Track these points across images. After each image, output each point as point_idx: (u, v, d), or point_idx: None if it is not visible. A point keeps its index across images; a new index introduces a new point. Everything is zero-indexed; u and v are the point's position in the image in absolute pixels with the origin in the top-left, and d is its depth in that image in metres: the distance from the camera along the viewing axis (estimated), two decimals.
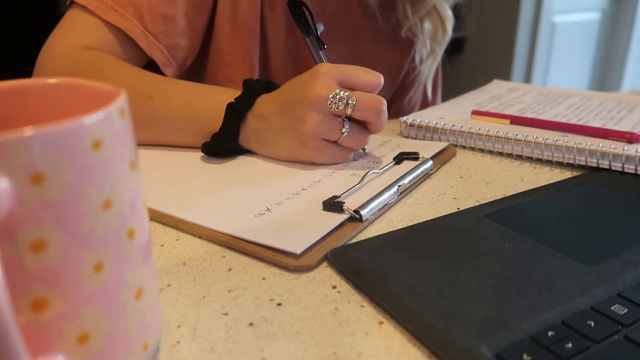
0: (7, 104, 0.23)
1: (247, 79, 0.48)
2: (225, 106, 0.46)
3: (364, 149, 0.49)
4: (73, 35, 0.54)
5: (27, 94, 0.23)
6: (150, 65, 0.56)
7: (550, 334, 0.24)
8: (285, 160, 0.47)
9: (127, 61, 0.54)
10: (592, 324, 0.25)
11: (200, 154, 0.48)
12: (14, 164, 0.16)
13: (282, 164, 0.47)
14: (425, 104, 0.82)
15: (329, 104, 0.42)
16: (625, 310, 0.26)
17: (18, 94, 0.23)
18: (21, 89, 0.23)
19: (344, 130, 0.44)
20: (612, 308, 0.26)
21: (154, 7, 0.54)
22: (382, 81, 0.44)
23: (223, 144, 0.47)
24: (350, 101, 0.42)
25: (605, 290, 0.28)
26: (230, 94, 0.47)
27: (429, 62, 0.74)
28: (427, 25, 0.70)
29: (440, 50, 0.73)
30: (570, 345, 0.24)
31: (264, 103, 0.46)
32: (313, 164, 0.46)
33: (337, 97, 0.42)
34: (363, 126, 0.46)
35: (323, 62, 0.48)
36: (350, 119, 0.44)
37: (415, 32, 0.70)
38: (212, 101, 0.47)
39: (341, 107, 0.42)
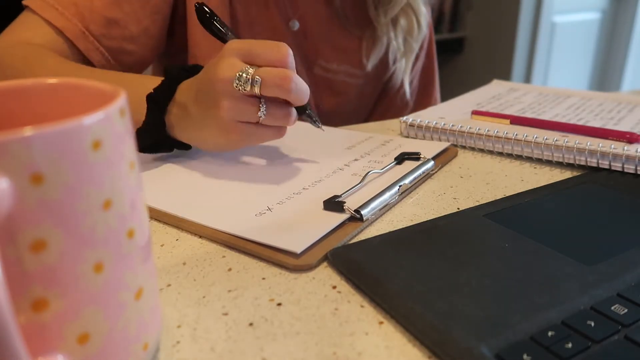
0: (7, 104, 0.23)
1: (170, 65, 0.45)
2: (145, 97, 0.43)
3: (317, 124, 0.46)
4: (16, 33, 0.54)
5: (27, 94, 0.23)
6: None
7: (550, 334, 0.24)
8: (215, 150, 0.45)
9: (75, 61, 0.54)
10: (592, 324, 0.25)
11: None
12: (14, 164, 0.16)
13: (283, 164, 0.47)
14: (404, 105, 0.81)
15: (235, 86, 0.39)
16: (625, 310, 0.26)
17: (18, 94, 0.23)
18: (21, 89, 0.23)
19: (260, 112, 0.40)
20: (612, 308, 0.26)
21: (97, 9, 0.54)
22: (289, 53, 0.40)
23: (148, 138, 0.44)
24: (255, 79, 0.39)
25: (605, 290, 0.28)
26: (154, 83, 0.44)
27: (403, 60, 0.74)
28: (403, 22, 0.70)
29: (416, 46, 0.73)
30: (570, 345, 0.24)
31: (183, 91, 0.44)
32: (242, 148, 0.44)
33: (242, 77, 0.39)
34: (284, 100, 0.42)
35: None
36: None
37: (384, 33, 0.70)
38: (137, 93, 0.44)
39: (248, 88, 0.39)
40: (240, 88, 0.39)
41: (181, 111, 0.43)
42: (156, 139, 0.45)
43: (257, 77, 0.39)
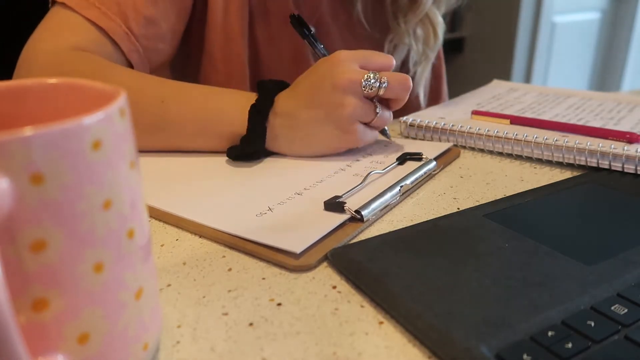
0: (7, 104, 0.23)
1: (261, 80, 0.48)
2: (249, 108, 0.45)
3: (387, 134, 0.52)
4: (58, 35, 0.51)
5: (27, 94, 0.23)
6: None
7: (550, 334, 0.24)
8: (316, 155, 0.48)
9: (115, 62, 0.53)
10: (592, 324, 0.25)
11: (201, 152, 0.48)
12: (14, 164, 0.16)
13: (284, 164, 0.47)
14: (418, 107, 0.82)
15: (363, 87, 0.44)
16: (625, 310, 0.26)
17: (18, 94, 0.23)
18: (21, 89, 0.23)
19: (377, 110, 0.46)
20: (612, 308, 0.26)
21: (139, 8, 0.53)
22: (394, 62, 0.47)
23: (251, 146, 0.46)
24: (382, 82, 0.44)
25: (605, 290, 0.28)
26: (246, 96, 0.47)
27: (420, 67, 0.74)
28: (419, 32, 0.71)
29: (433, 55, 0.73)
30: (570, 345, 0.24)
31: (285, 100, 0.47)
32: (347, 151, 0.48)
33: (370, 79, 0.44)
34: (386, 106, 0.48)
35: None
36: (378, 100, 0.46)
37: (404, 40, 0.70)
38: (231, 103, 0.47)
39: (374, 89, 0.44)
40: (367, 89, 0.44)
41: (287, 120, 0.46)
42: (256, 148, 0.47)
43: (384, 79, 0.44)
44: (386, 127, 0.51)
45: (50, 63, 0.50)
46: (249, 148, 0.46)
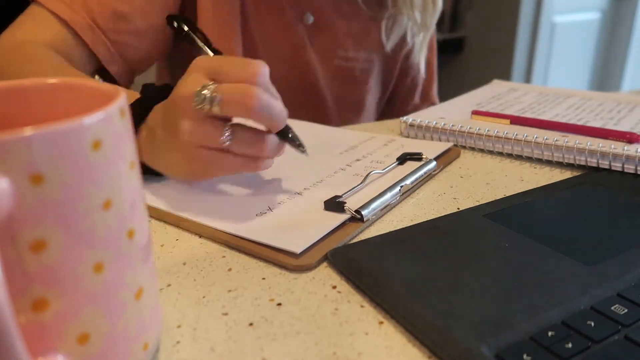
0: (7, 104, 0.23)
1: (147, 84, 0.42)
2: None
3: (301, 149, 0.39)
4: (25, 27, 0.53)
5: (27, 94, 0.23)
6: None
7: (550, 334, 0.24)
8: (182, 179, 0.41)
9: (79, 55, 0.54)
10: (592, 324, 0.25)
11: None
12: (14, 164, 0.16)
13: (284, 164, 0.47)
14: (406, 95, 0.82)
15: (195, 104, 0.34)
16: (625, 310, 0.26)
17: (18, 94, 0.23)
18: (21, 89, 0.23)
19: (224, 137, 0.35)
20: (612, 308, 0.26)
21: (107, 2, 0.54)
22: (259, 72, 0.35)
23: None
24: (215, 96, 0.33)
25: (605, 290, 0.28)
26: (130, 100, 0.41)
27: (420, 36, 0.73)
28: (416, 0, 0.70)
29: (432, 23, 0.72)
30: (570, 345, 0.24)
31: (154, 112, 0.39)
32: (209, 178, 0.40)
33: (201, 94, 0.34)
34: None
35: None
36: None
37: (402, 11, 0.70)
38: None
39: (207, 106, 0.34)
40: (198, 106, 0.34)
41: (149, 135, 0.39)
42: None
43: (217, 93, 0.34)
44: (298, 139, 0.39)
45: (8, 54, 0.51)
46: None
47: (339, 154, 0.49)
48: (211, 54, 0.44)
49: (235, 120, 0.36)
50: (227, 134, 0.35)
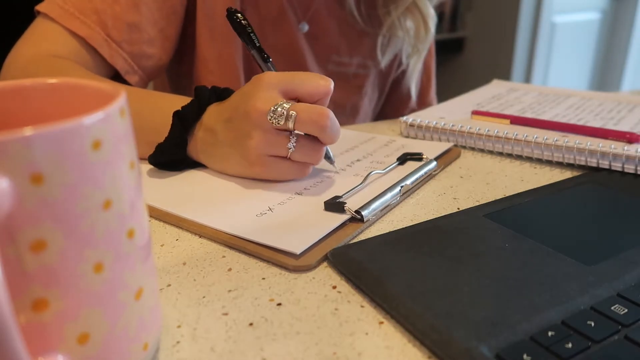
0: (7, 104, 0.23)
1: (199, 86, 0.44)
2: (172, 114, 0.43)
3: (333, 163, 0.45)
4: (39, 43, 0.53)
5: (27, 94, 0.23)
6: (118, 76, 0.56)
7: (550, 334, 0.24)
8: (234, 175, 0.44)
9: (95, 69, 0.54)
10: (592, 324, 0.25)
11: None
12: (14, 164, 0.16)
13: None
14: (402, 99, 0.82)
15: (270, 119, 0.38)
16: (625, 310, 0.26)
17: (18, 94, 0.23)
18: (21, 89, 0.23)
19: (289, 145, 0.40)
20: (612, 308, 0.26)
21: (119, 15, 0.54)
22: (332, 87, 0.40)
23: (167, 155, 0.44)
24: (291, 114, 0.38)
25: (605, 290, 0.28)
26: (181, 102, 0.44)
27: (412, 60, 0.74)
28: (409, 24, 0.70)
29: (424, 49, 0.72)
30: (570, 345, 0.24)
31: (212, 114, 0.43)
32: (267, 181, 0.43)
33: (277, 111, 0.38)
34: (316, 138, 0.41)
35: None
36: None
37: (396, 32, 0.70)
38: (160, 110, 0.44)
39: (282, 122, 0.38)
40: (273, 122, 0.38)
41: (209, 136, 0.43)
42: (174, 157, 0.44)
43: (293, 112, 0.38)
44: (330, 153, 0.44)
45: (26, 69, 0.51)
46: (163, 157, 0.44)
47: (340, 154, 0.49)
48: (259, 58, 0.45)
49: None
50: (292, 142, 0.40)
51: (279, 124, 0.38)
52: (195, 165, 0.46)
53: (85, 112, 0.18)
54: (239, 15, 0.44)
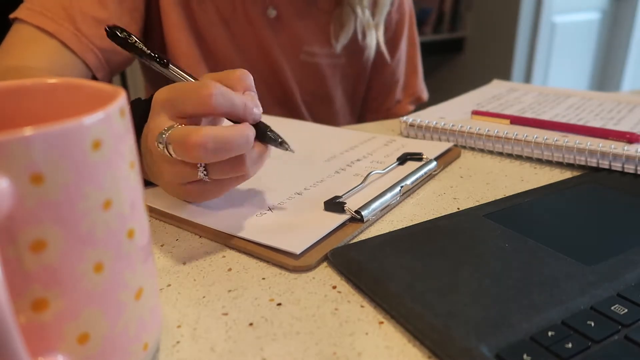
0: (7, 104, 0.23)
1: (135, 100, 0.40)
2: None
3: (284, 146, 0.37)
4: (13, 54, 0.53)
5: (27, 94, 0.23)
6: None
7: (550, 334, 0.24)
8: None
9: (76, 69, 0.54)
10: (592, 324, 0.25)
11: None
12: (14, 164, 0.16)
13: (285, 164, 0.47)
14: (387, 91, 0.80)
15: (159, 150, 0.33)
16: (625, 310, 0.26)
17: (18, 94, 0.23)
18: (21, 89, 0.23)
19: (199, 173, 0.34)
20: (612, 308, 0.26)
21: (86, 11, 0.54)
22: (211, 95, 0.32)
23: None
24: (169, 144, 0.32)
25: (605, 290, 0.28)
26: None
27: (374, 31, 0.72)
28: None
29: (381, 19, 0.71)
30: (570, 345, 0.24)
31: (143, 139, 0.38)
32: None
33: (159, 144, 0.33)
34: None
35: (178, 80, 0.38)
36: None
37: (355, 9, 0.69)
38: None
39: (167, 153, 0.33)
40: (163, 153, 0.33)
41: (145, 159, 0.39)
42: None
43: (169, 143, 0.32)
44: (278, 138, 0.36)
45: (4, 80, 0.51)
46: None
47: (340, 154, 0.49)
48: (158, 66, 0.38)
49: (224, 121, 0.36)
50: (202, 169, 0.34)
51: (170, 155, 0.33)
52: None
53: (85, 112, 0.18)
54: (118, 31, 0.38)
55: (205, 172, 0.34)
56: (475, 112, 0.58)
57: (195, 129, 0.31)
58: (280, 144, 0.37)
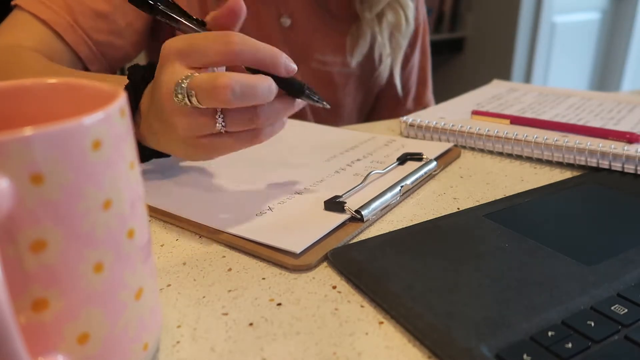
0: (7, 104, 0.23)
1: (132, 66, 0.39)
2: None
3: (320, 102, 0.37)
4: (7, 34, 0.54)
5: (27, 94, 0.23)
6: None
7: (550, 334, 0.24)
8: (193, 160, 0.42)
9: (61, 57, 0.54)
10: (592, 324, 0.25)
11: None
12: (14, 164, 0.16)
13: (285, 164, 0.47)
14: (397, 102, 0.80)
15: (176, 101, 0.33)
16: (625, 310, 0.26)
17: (18, 94, 0.23)
18: (21, 89, 0.23)
19: (217, 124, 0.34)
20: (612, 308, 0.26)
21: (86, 2, 0.54)
22: (235, 43, 0.32)
23: None
24: (190, 92, 0.32)
25: (605, 290, 0.28)
26: (118, 83, 0.39)
27: (389, 60, 0.72)
28: (390, 17, 0.68)
29: (404, 43, 0.71)
30: (570, 345, 0.24)
31: (145, 99, 0.38)
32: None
33: (179, 93, 0.33)
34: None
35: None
36: None
37: (372, 27, 0.68)
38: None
39: (187, 102, 0.33)
40: (181, 103, 0.33)
41: (146, 124, 0.38)
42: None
43: (192, 90, 0.32)
44: (310, 94, 0.37)
45: None
46: None
47: (340, 153, 0.49)
48: (193, 28, 0.36)
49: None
50: (220, 119, 0.34)
51: (186, 104, 0.33)
52: (158, 154, 0.42)
53: (85, 112, 0.18)
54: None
55: (223, 123, 0.34)
56: (475, 112, 0.58)
57: (221, 73, 0.32)
58: (316, 101, 0.37)
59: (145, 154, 0.42)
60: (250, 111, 0.34)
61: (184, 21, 0.36)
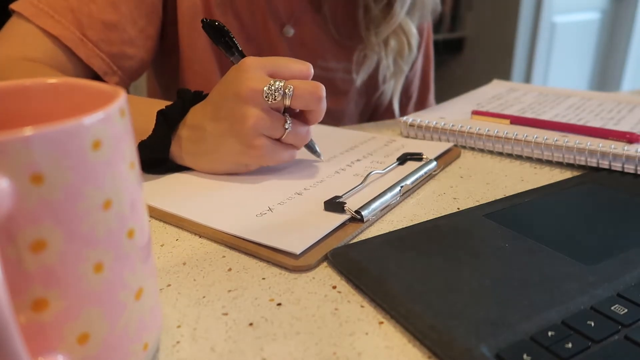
0: (7, 104, 0.23)
1: (182, 89, 0.44)
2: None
3: (317, 153, 0.47)
4: (12, 46, 0.52)
5: (27, 94, 0.23)
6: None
7: (550, 334, 0.24)
8: (224, 173, 0.44)
9: (73, 70, 0.53)
10: (592, 324, 0.25)
11: None
12: (14, 164, 0.16)
13: (285, 164, 0.47)
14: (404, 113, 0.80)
15: (266, 97, 0.39)
16: (625, 310, 0.26)
17: (18, 94, 0.23)
18: (21, 89, 0.23)
19: (286, 125, 0.41)
20: (612, 308, 0.26)
21: (95, 14, 0.52)
22: (312, 70, 0.41)
23: (151, 152, 0.42)
24: (287, 90, 0.39)
25: (605, 290, 0.28)
26: (165, 105, 0.44)
27: (392, 81, 0.73)
28: (393, 43, 0.69)
29: (406, 68, 0.72)
30: (570, 345, 0.24)
31: (196, 112, 0.43)
32: (257, 169, 0.43)
33: (273, 87, 0.39)
34: (302, 120, 0.43)
35: None
36: (289, 113, 0.42)
37: (375, 51, 0.69)
38: (142, 112, 0.42)
39: (279, 98, 0.39)
40: (270, 99, 0.39)
41: (194, 133, 0.43)
42: (158, 155, 0.43)
43: (290, 87, 0.39)
44: (315, 145, 0.46)
45: (1, 71, 0.49)
46: (144, 155, 0.40)
47: (340, 154, 0.49)
48: (239, 58, 0.44)
49: None
50: (288, 122, 0.41)
51: (275, 100, 0.39)
52: (177, 169, 0.45)
53: (85, 112, 0.18)
54: (216, 24, 0.44)
55: (290, 126, 0.41)
56: (475, 112, 0.58)
57: (313, 82, 0.40)
58: (314, 151, 0.47)
59: (166, 165, 0.45)
60: (305, 128, 0.42)
61: (236, 53, 0.44)
